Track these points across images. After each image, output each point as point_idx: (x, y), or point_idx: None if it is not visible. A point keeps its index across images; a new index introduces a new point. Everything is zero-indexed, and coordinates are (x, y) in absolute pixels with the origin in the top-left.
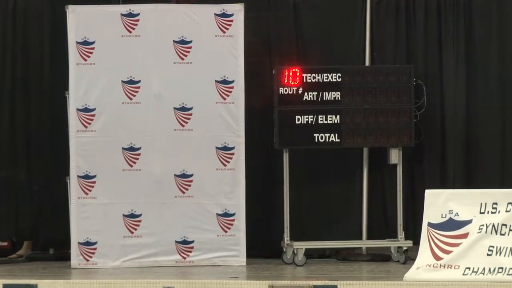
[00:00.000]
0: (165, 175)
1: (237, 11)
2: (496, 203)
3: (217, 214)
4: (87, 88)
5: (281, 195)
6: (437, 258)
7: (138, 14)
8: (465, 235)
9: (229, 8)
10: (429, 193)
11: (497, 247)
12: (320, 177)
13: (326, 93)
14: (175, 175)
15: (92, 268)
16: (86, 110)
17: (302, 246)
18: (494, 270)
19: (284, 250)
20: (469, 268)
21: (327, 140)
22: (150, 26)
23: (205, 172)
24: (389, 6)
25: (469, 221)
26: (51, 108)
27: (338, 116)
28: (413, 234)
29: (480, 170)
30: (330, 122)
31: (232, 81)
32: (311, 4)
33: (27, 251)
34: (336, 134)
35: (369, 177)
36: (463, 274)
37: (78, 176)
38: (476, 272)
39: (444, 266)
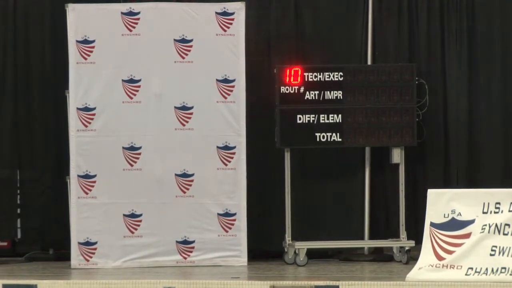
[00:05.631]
0: (165, 175)
1: (238, 9)
2: (499, 203)
3: (218, 214)
4: (87, 87)
5: (282, 195)
6: (440, 258)
7: (138, 13)
8: (467, 235)
9: (230, 6)
10: (431, 193)
11: (500, 247)
12: (321, 177)
13: (328, 92)
14: (175, 174)
15: (92, 268)
16: (86, 109)
17: (303, 246)
18: (497, 270)
19: (286, 250)
20: (471, 268)
21: (328, 139)
22: (150, 24)
23: (206, 172)
24: (391, 4)
25: (472, 221)
26: (52, 107)
27: (340, 115)
28: (416, 234)
29: (483, 169)
30: (332, 121)
31: (233, 80)
32: (313, 2)
33: None
34: (338, 134)
35: (371, 176)
36: (466, 274)
37: (78, 176)
38: (479, 272)
39: (447, 266)
